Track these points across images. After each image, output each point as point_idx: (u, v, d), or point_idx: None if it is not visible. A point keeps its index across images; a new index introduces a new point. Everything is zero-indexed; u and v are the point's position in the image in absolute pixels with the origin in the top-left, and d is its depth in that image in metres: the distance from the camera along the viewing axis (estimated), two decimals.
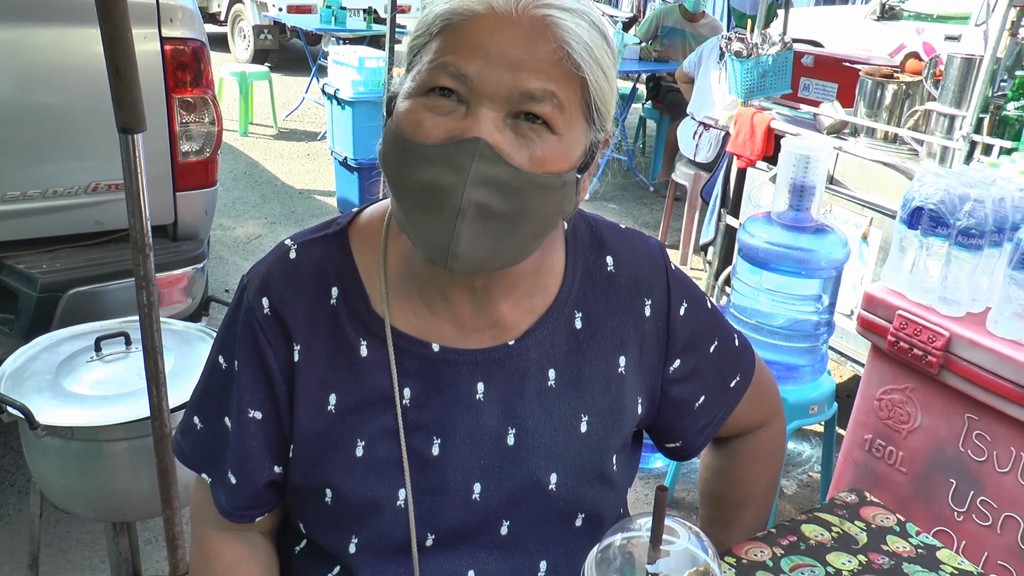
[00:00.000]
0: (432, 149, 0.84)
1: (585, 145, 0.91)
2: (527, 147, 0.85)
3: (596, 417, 1.06)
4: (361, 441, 1.00)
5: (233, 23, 11.46)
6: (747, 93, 3.93)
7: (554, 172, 0.87)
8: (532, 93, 0.84)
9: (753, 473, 1.28)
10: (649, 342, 1.09)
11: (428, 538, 1.01)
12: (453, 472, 1.01)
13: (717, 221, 4.19)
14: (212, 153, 2.84)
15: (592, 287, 1.07)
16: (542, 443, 1.03)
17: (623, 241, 1.12)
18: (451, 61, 0.84)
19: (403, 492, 1.00)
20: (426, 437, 1.01)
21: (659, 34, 7.00)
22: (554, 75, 0.85)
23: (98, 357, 2.04)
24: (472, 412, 1.02)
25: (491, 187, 0.84)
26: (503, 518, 1.03)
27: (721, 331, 1.17)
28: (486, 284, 1.00)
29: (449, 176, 0.83)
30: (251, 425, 1.02)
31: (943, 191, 2.03)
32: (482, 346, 1.02)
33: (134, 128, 1.52)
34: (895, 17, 8.50)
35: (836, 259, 2.53)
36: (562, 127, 0.87)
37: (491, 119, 0.84)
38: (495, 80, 0.83)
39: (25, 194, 2.58)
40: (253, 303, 1.01)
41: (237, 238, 5.29)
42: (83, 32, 2.54)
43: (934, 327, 2.02)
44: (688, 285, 1.14)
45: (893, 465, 2.20)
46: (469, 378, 1.01)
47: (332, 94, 5.46)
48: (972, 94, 2.92)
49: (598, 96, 0.90)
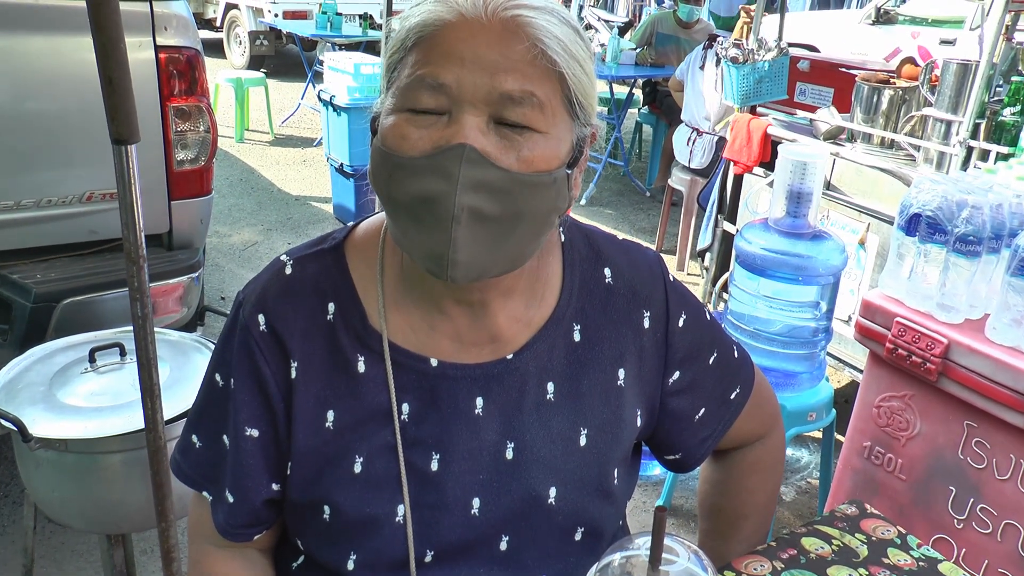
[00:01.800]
0: (419, 160, 0.84)
1: (572, 140, 0.91)
2: (513, 148, 0.85)
3: (595, 430, 1.05)
4: (359, 457, 0.99)
5: (229, 29, 11.46)
6: (743, 99, 3.93)
7: (544, 170, 0.87)
8: (511, 94, 0.84)
9: (752, 485, 1.27)
10: (648, 354, 1.08)
11: (427, 554, 1.00)
12: (452, 487, 1.00)
13: (714, 227, 4.19)
14: (207, 161, 2.82)
15: (590, 300, 1.06)
16: (541, 457, 1.02)
17: (621, 253, 1.11)
18: (428, 72, 0.85)
19: (402, 508, 0.99)
20: (425, 453, 1.00)
21: (653, 41, 7.01)
22: (531, 74, 0.85)
23: (92, 368, 2.02)
24: (471, 427, 1.01)
25: (482, 191, 0.84)
26: (502, 533, 1.02)
27: (720, 343, 1.16)
28: (483, 298, 0.99)
29: (440, 184, 0.83)
30: (248, 443, 1.01)
31: (941, 197, 2.03)
32: (480, 360, 1.01)
33: (128, 139, 1.50)
34: (890, 21, 8.52)
35: (834, 265, 2.52)
36: (546, 125, 0.87)
37: (475, 124, 0.84)
38: (473, 85, 0.84)
39: (19, 203, 2.57)
40: (249, 320, 1.01)
41: (233, 245, 5.27)
42: (76, 40, 2.53)
43: (932, 334, 2.02)
44: (686, 297, 1.13)
45: (892, 472, 2.19)
46: (468, 393, 1.01)
47: (328, 100, 5.45)
48: (968, 99, 2.92)
49: (578, 90, 0.89)
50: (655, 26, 7.07)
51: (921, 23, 8.35)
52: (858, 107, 3.42)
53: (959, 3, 7.13)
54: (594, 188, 6.68)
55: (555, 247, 1.07)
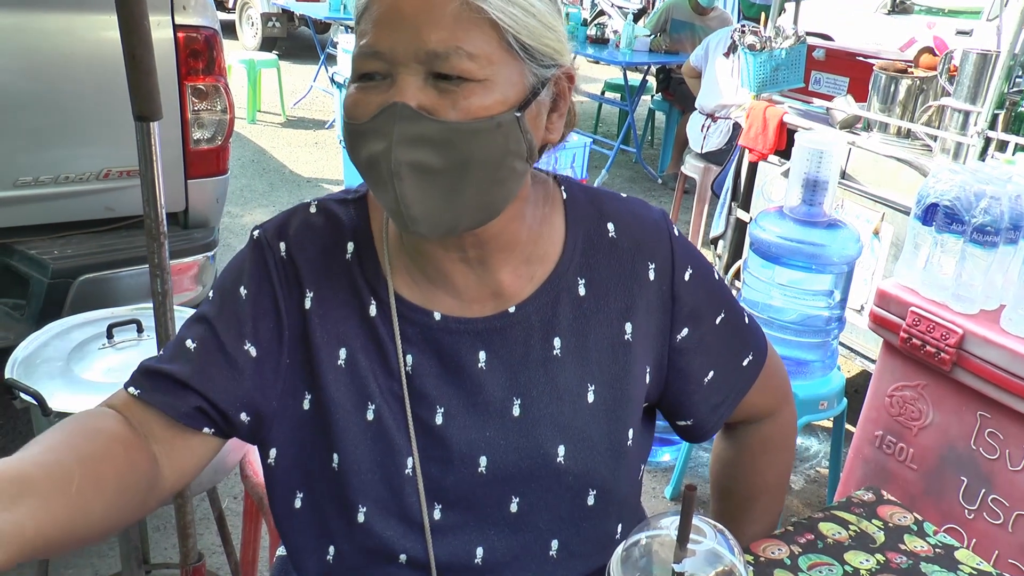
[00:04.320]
0: (367, 124, 0.88)
1: (525, 83, 0.91)
2: (450, 99, 0.86)
3: (603, 387, 1.04)
4: (371, 404, 0.99)
5: (241, 10, 11.44)
6: (760, 87, 3.91)
7: (483, 116, 0.87)
8: (436, 51, 0.85)
9: (763, 464, 1.26)
10: (654, 307, 1.07)
11: (435, 508, 1.01)
12: (457, 443, 1.00)
13: (728, 215, 4.18)
14: (224, 141, 2.83)
15: (594, 254, 1.06)
16: (548, 414, 1.02)
17: (624, 207, 1.10)
18: (368, 42, 0.88)
19: (411, 460, 0.99)
20: (429, 406, 1.00)
21: (668, 28, 6.97)
22: (455, 26, 0.86)
23: (110, 344, 2.04)
24: (474, 382, 1.01)
25: (419, 145, 0.85)
26: (512, 494, 1.02)
27: (729, 305, 1.14)
28: (480, 254, 0.99)
29: (380, 144, 0.86)
30: (242, 356, 0.98)
31: (958, 188, 2.03)
32: (483, 315, 1.02)
33: (150, 116, 1.51)
34: (906, 11, 8.48)
35: (848, 255, 2.52)
36: (482, 73, 0.87)
37: (411, 83, 0.86)
38: (404, 46, 0.86)
39: (37, 180, 2.58)
40: (270, 243, 1.02)
41: (244, 226, 5.29)
42: (93, 18, 2.53)
43: (947, 324, 2.02)
44: (693, 252, 1.12)
45: (903, 462, 2.19)
46: (470, 347, 1.01)
47: (341, 83, 5.45)
48: (987, 90, 2.90)
49: (521, 32, 0.89)
50: (670, 13, 7.03)
51: (937, 13, 8.30)
52: (875, 96, 3.40)
53: None
54: (606, 174, 6.67)
55: (557, 205, 1.07)
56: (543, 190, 1.06)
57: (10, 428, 3.01)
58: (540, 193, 1.06)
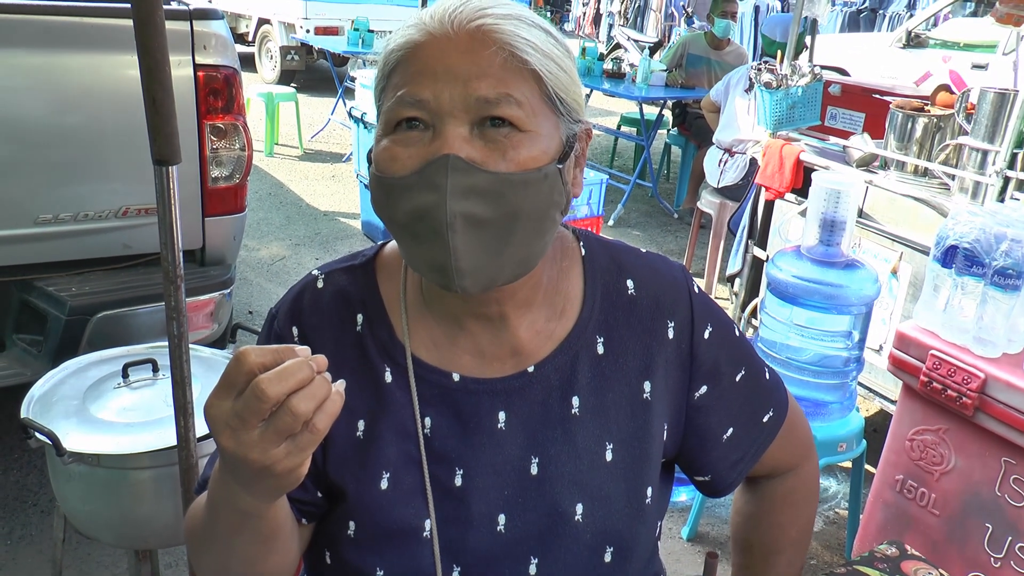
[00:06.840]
0: (410, 178, 0.87)
1: (560, 137, 0.93)
2: (499, 150, 0.87)
3: (621, 445, 1.03)
4: (386, 473, 0.99)
5: (260, 43, 11.58)
6: (776, 124, 3.91)
7: (532, 168, 0.88)
8: (487, 97, 0.86)
9: (785, 519, 1.25)
10: (673, 365, 1.07)
11: (454, 570, 1.00)
12: (476, 503, 1.00)
13: (744, 252, 4.16)
14: (242, 179, 2.85)
15: (613, 311, 1.06)
16: (566, 472, 1.01)
17: (643, 264, 1.10)
18: (407, 92, 0.88)
19: (428, 523, 0.99)
20: (448, 468, 1.00)
21: (684, 63, 7.00)
22: (503, 76, 0.87)
23: (125, 383, 2.04)
24: (494, 442, 1.01)
25: (472, 196, 0.85)
26: (531, 555, 1.01)
27: (749, 361, 1.14)
28: (501, 311, 1.00)
29: (430, 196, 0.86)
30: None
31: (978, 230, 2.01)
32: (502, 375, 1.01)
33: (169, 160, 1.52)
34: (921, 45, 8.48)
35: (867, 295, 2.49)
36: (528, 123, 0.88)
37: (458, 134, 0.86)
38: (450, 95, 0.86)
39: (57, 217, 2.60)
40: (283, 331, 1.04)
41: (261, 259, 5.31)
42: (115, 58, 2.57)
43: (969, 368, 1.99)
44: (713, 309, 1.12)
45: (925, 507, 2.16)
46: (490, 407, 1.01)
47: (359, 117, 5.49)
48: (1006, 129, 2.88)
49: (557, 86, 0.91)
50: (686, 47, 7.07)
51: (952, 47, 8.30)
52: (892, 134, 3.39)
53: (991, 28, 7.07)
54: (622, 209, 6.67)
55: (575, 260, 1.07)
56: (560, 244, 1.07)
57: (25, 461, 3.01)
58: (558, 247, 1.06)
